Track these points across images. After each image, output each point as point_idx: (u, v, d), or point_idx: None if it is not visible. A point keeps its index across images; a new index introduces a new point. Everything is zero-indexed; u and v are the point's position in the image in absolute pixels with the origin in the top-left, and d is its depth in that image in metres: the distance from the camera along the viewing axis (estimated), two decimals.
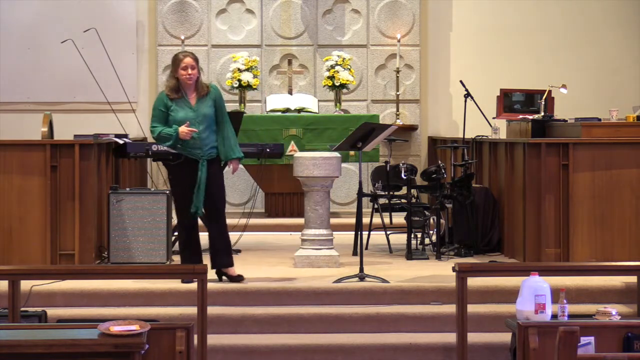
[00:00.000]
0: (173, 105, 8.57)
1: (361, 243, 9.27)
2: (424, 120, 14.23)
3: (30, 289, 8.08)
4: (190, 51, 8.84)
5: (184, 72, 8.56)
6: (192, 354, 6.41)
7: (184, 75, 8.56)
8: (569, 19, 14.26)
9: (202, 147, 8.56)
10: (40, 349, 6.06)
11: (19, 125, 13.46)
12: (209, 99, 8.63)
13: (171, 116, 8.56)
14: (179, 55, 8.65)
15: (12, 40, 13.87)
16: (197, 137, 8.51)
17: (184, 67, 8.56)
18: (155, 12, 14.03)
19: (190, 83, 8.59)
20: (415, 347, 7.76)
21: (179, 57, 8.62)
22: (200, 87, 8.65)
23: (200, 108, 8.59)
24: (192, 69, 8.57)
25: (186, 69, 8.56)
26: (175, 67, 8.61)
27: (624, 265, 7.73)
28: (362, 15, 14.14)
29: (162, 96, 8.66)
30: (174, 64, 8.63)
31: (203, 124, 8.56)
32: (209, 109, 8.60)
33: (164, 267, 8.76)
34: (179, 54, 8.68)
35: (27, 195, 9.06)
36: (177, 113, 8.56)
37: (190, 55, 8.64)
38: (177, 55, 8.69)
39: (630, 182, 9.29)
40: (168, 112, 8.58)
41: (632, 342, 6.50)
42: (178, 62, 8.59)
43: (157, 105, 8.64)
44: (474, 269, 7.51)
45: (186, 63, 8.56)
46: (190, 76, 8.56)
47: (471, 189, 10.25)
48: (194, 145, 8.55)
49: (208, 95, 8.63)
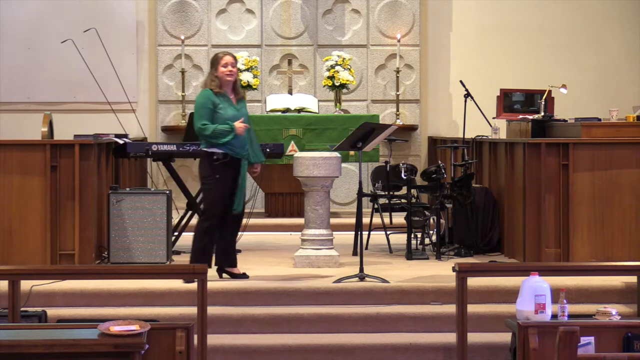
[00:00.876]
0: (220, 103, 8.68)
1: (361, 243, 9.28)
2: (424, 120, 14.23)
3: (30, 289, 8.08)
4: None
5: (224, 69, 8.70)
6: (192, 354, 6.41)
7: (225, 72, 8.70)
8: (569, 19, 14.26)
9: (243, 146, 8.73)
10: (40, 349, 6.06)
11: (19, 125, 13.46)
12: (244, 101, 8.91)
13: (219, 114, 8.66)
14: (218, 54, 8.80)
15: (12, 40, 13.87)
16: (245, 136, 8.70)
17: (224, 65, 8.70)
18: (155, 12, 14.03)
19: (231, 80, 8.73)
20: (415, 347, 7.76)
21: (219, 56, 8.78)
22: (238, 88, 8.87)
23: (241, 108, 8.81)
24: (233, 67, 8.73)
25: (227, 66, 8.71)
26: (215, 66, 8.73)
27: (624, 265, 7.73)
28: (362, 15, 14.14)
29: (208, 94, 8.73)
30: (214, 63, 8.75)
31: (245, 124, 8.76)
32: (246, 110, 8.86)
33: (164, 267, 8.76)
34: (218, 53, 8.84)
35: (27, 195, 9.06)
36: (226, 110, 8.68)
37: (230, 54, 8.80)
38: (216, 54, 8.83)
39: (630, 182, 9.29)
40: (215, 110, 8.67)
41: (632, 342, 6.50)
42: (218, 60, 8.73)
43: (204, 104, 8.70)
44: (474, 269, 7.51)
45: (227, 61, 8.71)
46: (231, 73, 8.72)
47: (471, 189, 10.25)
48: (240, 145, 8.70)
49: (243, 98, 8.91)
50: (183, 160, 13.10)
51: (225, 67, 8.70)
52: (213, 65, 8.77)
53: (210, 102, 8.67)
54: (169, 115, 14.02)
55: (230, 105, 8.72)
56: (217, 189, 8.73)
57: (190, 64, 14.02)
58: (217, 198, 8.72)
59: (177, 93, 13.96)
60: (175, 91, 13.98)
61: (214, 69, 8.75)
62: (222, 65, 8.69)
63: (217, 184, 8.71)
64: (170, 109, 14.03)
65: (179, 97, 13.90)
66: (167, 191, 9.54)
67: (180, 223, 10.73)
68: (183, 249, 10.40)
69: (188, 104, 13.86)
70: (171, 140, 13.41)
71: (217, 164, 8.70)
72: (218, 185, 8.71)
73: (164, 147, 10.48)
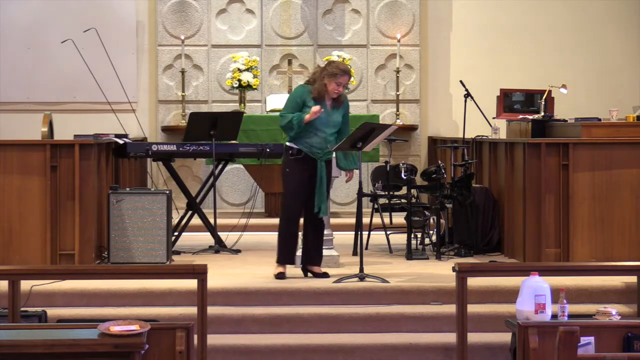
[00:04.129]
0: (312, 103, 8.81)
1: (361, 243, 9.28)
2: (424, 120, 14.23)
3: (30, 289, 8.08)
4: (348, 67, 9.01)
5: (336, 87, 8.81)
6: (192, 354, 6.41)
7: (335, 90, 8.82)
8: (569, 19, 14.26)
9: (323, 148, 8.84)
10: (40, 349, 6.06)
11: (19, 125, 13.46)
12: (342, 108, 8.98)
13: (304, 111, 8.80)
14: (337, 70, 8.80)
15: (12, 40, 13.87)
16: (324, 139, 8.82)
17: (338, 83, 8.79)
18: (155, 12, 14.03)
19: (336, 97, 8.86)
20: (415, 347, 7.76)
21: (337, 73, 8.78)
22: (339, 96, 8.92)
23: (334, 115, 8.90)
24: (344, 88, 8.91)
25: (340, 85, 8.81)
26: (330, 77, 8.77)
27: (624, 265, 7.73)
28: (362, 15, 14.14)
29: (304, 89, 8.91)
30: (330, 74, 8.78)
31: (332, 129, 8.87)
32: (339, 118, 8.94)
33: (164, 267, 8.76)
34: (338, 69, 8.82)
35: (27, 195, 9.06)
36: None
37: (349, 74, 8.88)
38: (337, 66, 8.84)
39: (630, 182, 9.29)
40: (304, 106, 8.81)
41: (632, 342, 6.50)
42: (335, 75, 8.77)
43: (296, 96, 8.91)
44: (474, 269, 7.51)
45: (343, 81, 8.81)
46: (338, 92, 8.84)
47: (471, 189, 10.25)
48: (318, 145, 8.84)
49: (342, 106, 8.97)
50: (183, 160, 13.11)
51: (339, 85, 8.80)
52: (326, 73, 8.79)
53: (301, 97, 8.87)
54: (169, 115, 14.02)
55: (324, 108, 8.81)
56: (288, 183, 8.89)
57: (190, 64, 14.02)
58: (289, 194, 8.89)
59: (177, 93, 13.96)
60: (175, 91, 13.98)
61: (326, 77, 8.78)
62: (336, 83, 8.78)
63: (289, 179, 8.87)
64: (170, 109, 14.03)
65: (179, 97, 13.91)
66: (167, 191, 9.54)
67: (180, 223, 10.74)
68: (183, 249, 10.41)
69: (188, 103, 13.86)
70: (171, 140, 13.41)
71: (291, 159, 8.85)
72: (290, 180, 8.86)
73: (164, 147, 10.49)
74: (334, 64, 8.91)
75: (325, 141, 8.86)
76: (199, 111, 12.97)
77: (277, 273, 8.85)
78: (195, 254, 10.31)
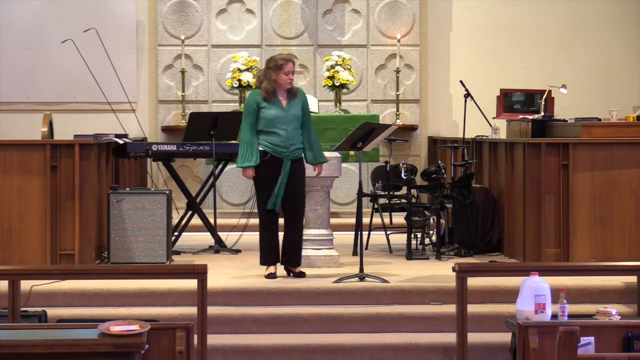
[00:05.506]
0: (265, 104, 8.78)
1: (361, 243, 9.28)
2: (424, 120, 14.23)
3: (30, 289, 8.08)
4: (291, 54, 8.98)
5: (286, 76, 8.79)
6: (192, 354, 6.41)
7: (286, 79, 8.79)
8: (569, 19, 14.25)
9: (288, 146, 8.78)
10: (40, 349, 6.06)
11: (19, 125, 13.46)
12: (298, 101, 8.91)
13: (262, 113, 8.79)
14: (279, 60, 8.82)
15: (12, 40, 13.87)
16: (286, 137, 8.76)
17: (287, 72, 8.77)
18: (155, 12, 14.03)
19: (290, 87, 8.83)
20: (415, 347, 7.76)
21: (279, 62, 8.80)
22: (293, 88, 8.90)
23: (291, 109, 8.84)
24: (293, 74, 8.84)
25: (289, 74, 8.79)
26: (275, 71, 8.77)
27: (624, 265, 7.73)
28: (362, 15, 14.14)
29: (255, 94, 8.90)
30: (275, 67, 8.78)
31: (292, 124, 8.81)
32: (298, 111, 8.87)
33: (164, 267, 8.76)
34: (278, 59, 8.87)
35: (27, 195, 9.06)
36: (269, 111, 8.78)
37: (292, 60, 8.88)
38: (276, 59, 8.86)
39: (630, 182, 9.29)
40: (259, 110, 8.79)
41: (632, 342, 6.50)
42: (280, 66, 8.77)
43: (249, 104, 8.88)
44: (474, 269, 7.51)
45: (289, 68, 8.79)
46: (291, 81, 8.82)
47: (471, 189, 10.24)
48: (282, 144, 8.77)
49: (297, 97, 8.91)
50: (183, 160, 13.10)
51: (288, 74, 8.79)
52: (271, 69, 8.79)
53: (255, 103, 8.83)
54: (169, 115, 14.02)
55: (277, 107, 8.80)
56: (257, 187, 8.89)
57: (190, 64, 14.01)
58: (260, 197, 8.88)
59: (177, 93, 13.96)
60: (175, 91, 13.98)
61: (271, 73, 8.79)
62: (284, 73, 8.76)
63: (258, 183, 8.87)
64: (170, 109, 14.02)
65: (179, 97, 13.90)
66: (167, 191, 9.54)
67: (180, 223, 10.74)
68: (183, 249, 10.41)
69: (188, 103, 13.86)
70: (171, 140, 13.40)
71: (259, 162, 8.80)
72: (260, 184, 8.85)
73: (164, 147, 10.49)
74: (274, 58, 8.90)
75: (288, 139, 8.78)
76: (199, 111, 12.98)
77: (267, 274, 8.83)
78: (195, 254, 10.31)
